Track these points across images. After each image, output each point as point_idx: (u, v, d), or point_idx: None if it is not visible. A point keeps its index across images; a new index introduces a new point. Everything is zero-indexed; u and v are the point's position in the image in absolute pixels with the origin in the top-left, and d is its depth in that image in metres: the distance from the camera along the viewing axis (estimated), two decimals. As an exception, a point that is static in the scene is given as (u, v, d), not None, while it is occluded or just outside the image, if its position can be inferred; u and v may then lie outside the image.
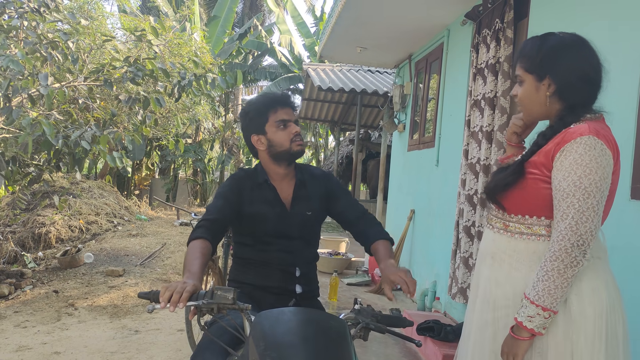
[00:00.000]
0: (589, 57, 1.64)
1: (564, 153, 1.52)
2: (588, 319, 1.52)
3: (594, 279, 1.56)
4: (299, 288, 2.14)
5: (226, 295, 1.54)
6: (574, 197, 1.48)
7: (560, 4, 3.26)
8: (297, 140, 2.14)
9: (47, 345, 4.55)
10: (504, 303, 1.64)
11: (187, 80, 5.90)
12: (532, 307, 1.49)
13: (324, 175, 2.31)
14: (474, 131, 4.05)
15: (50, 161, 5.76)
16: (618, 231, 2.46)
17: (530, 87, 1.67)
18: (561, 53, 1.63)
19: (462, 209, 4.10)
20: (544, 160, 1.58)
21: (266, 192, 2.15)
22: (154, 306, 1.46)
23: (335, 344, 1.50)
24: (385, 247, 2.08)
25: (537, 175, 1.59)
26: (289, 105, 2.18)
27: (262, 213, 2.10)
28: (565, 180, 1.50)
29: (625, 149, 2.45)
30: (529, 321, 1.49)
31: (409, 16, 5.13)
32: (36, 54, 5.34)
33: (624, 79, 2.53)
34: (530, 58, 1.66)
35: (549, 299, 1.47)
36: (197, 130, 17.81)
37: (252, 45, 17.39)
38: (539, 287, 1.48)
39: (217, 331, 1.78)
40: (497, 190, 1.68)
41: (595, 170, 1.48)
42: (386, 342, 3.99)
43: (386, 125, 7.10)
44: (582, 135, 1.51)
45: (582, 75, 1.62)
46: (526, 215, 1.63)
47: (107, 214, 9.91)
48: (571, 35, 1.67)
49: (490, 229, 1.77)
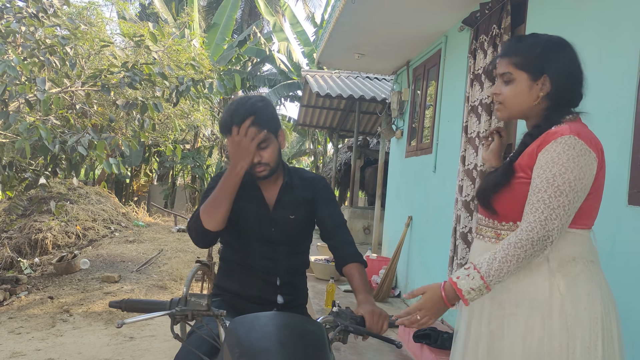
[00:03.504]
0: (576, 58, 1.63)
1: (544, 153, 1.52)
2: (584, 325, 1.50)
3: (588, 282, 1.53)
4: (280, 298, 2.06)
5: (200, 301, 1.51)
6: (545, 192, 1.47)
7: (558, 10, 3.26)
8: (257, 169, 1.95)
9: (41, 351, 4.51)
10: (500, 313, 1.60)
11: (185, 85, 5.89)
12: (478, 281, 1.49)
13: (313, 179, 2.21)
14: (471, 137, 4.03)
15: (47, 166, 5.73)
16: (616, 237, 2.44)
17: (523, 85, 1.63)
18: (557, 52, 1.62)
19: (459, 215, 4.08)
20: (528, 161, 1.57)
21: (252, 191, 2.08)
22: (124, 321, 1.42)
23: (312, 347, 1.46)
24: (361, 274, 2.00)
25: (523, 179, 1.58)
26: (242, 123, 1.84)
27: (246, 211, 2.03)
28: (539, 177, 1.50)
29: (623, 154, 2.43)
30: (468, 293, 1.50)
31: (407, 23, 5.13)
32: (34, 59, 5.34)
33: (620, 85, 2.53)
34: (525, 55, 1.62)
35: (495, 280, 1.49)
36: (196, 137, 17.82)
37: (251, 52, 17.43)
38: (494, 266, 1.48)
39: (196, 341, 1.73)
40: (488, 192, 1.65)
41: (571, 170, 1.47)
42: (382, 349, 3.96)
43: (384, 132, 7.09)
44: (562, 135, 1.50)
45: (571, 76, 1.62)
46: (517, 221, 1.60)
47: (104, 220, 9.88)
48: (553, 36, 1.67)
49: (480, 239, 1.74)
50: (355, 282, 1.98)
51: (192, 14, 15.62)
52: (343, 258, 2.07)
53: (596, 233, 1.58)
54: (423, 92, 6.00)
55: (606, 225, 2.47)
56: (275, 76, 18.07)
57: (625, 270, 2.36)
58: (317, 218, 2.16)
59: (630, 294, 2.29)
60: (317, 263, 6.51)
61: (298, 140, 24.67)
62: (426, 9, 4.69)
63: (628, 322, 2.27)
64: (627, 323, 2.28)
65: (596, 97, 2.68)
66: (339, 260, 2.09)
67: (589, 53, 2.83)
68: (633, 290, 2.29)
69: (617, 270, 2.40)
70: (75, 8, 8.67)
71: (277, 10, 21.50)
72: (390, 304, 5.60)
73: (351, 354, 3.87)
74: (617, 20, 2.64)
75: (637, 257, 2.30)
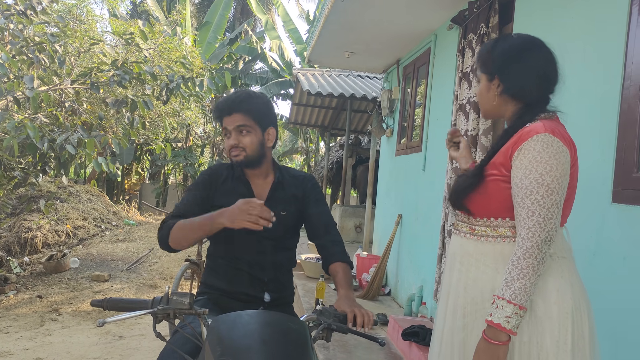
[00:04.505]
0: (542, 57, 1.65)
1: (522, 151, 1.53)
2: (553, 320, 1.51)
3: (558, 279, 1.55)
4: (267, 296, 2.07)
5: (182, 300, 1.50)
6: (537, 194, 1.48)
7: (544, 9, 3.27)
8: (232, 152, 2.05)
9: (30, 351, 4.49)
10: (473, 308, 1.62)
11: (175, 83, 5.88)
12: (509, 307, 1.45)
13: (304, 177, 2.24)
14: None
15: (35, 165, 5.70)
16: (599, 235, 2.45)
17: (483, 86, 1.73)
18: (510, 54, 1.66)
19: (447, 213, 4.10)
20: (503, 160, 1.59)
21: (240, 187, 2.09)
22: (105, 320, 1.42)
23: (294, 345, 1.46)
24: (346, 273, 2.02)
25: (497, 176, 1.59)
26: (234, 111, 2.03)
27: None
28: (527, 178, 1.50)
29: (607, 152, 2.45)
30: (507, 322, 1.45)
31: (397, 21, 5.14)
32: (22, 57, 5.30)
33: (605, 83, 2.54)
34: (482, 59, 1.73)
35: (525, 297, 1.45)
36: (188, 135, 17.76)
37: (243, 50, 17.38)
38: (515, 286, 1.45)
39: (180, 340, 1.74)
40: (459, 194, 1.68)
41: (556, 167, 1.49)
42: (371, 347, 3.97)
43: (375, 130, 7.10)
44: (538, 134, 1.52)
45: (532, 75, 1.64)
46: (491, 217, 1.63)
47: (95, 218, 9.84)
48: (524, 37, 1.69)
49: (457, 234, 1.76)
50: (339, 278, 2.00)
51: (183, 12, 15.56)
52: (330, 256, 2.10)
53: (580, 231, 1.60)
54: (413, 90, 6.01)
55: (590, 223, 2.48)
56: (267, 74, 18.02)
57: (608, 268, 2.37)
58: (306, 216, 2.18)
59: (613, 291, 2.31)
60: (308, 261, 6.51)
61: (290, 138, 24.65)
62: (415, 7, 4.70)
63: (610, 319, 2.29)
64: (609, 320, 2.30)
65: (581, 95, 2.70)
66: (326, 259, 2.12)
67: (574, 51, 2.85)
68: (616, 287, 2.31)
69: (600, 268, 2.42)
70: (65, 5, 8.62)
71: (269, 8, 21.47)
72: (380, 302, 5.61)
73: (340, 352, 3.88)
74: (602, 19, 2.65)
75: (620, 254, 2.32)
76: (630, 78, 2.35)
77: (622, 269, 2.29)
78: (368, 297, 5.66)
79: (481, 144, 3.68)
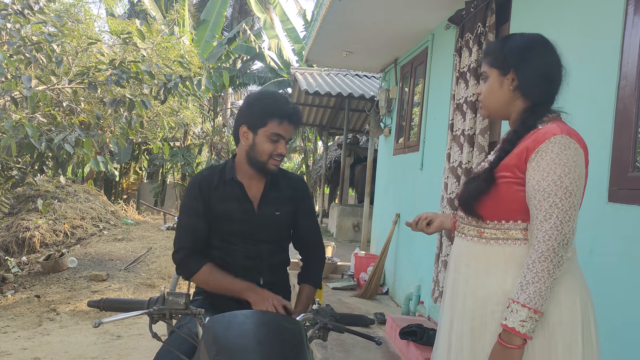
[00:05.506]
0: (551, 56, 1.64)
1: (540, 153, 1.50)
2: (565, 325, 1.50)
3: (568, 280, 1.53)
4: None
5: (178, 300, 1.51)
6: (555, 196, 1.45)
7: (541, 8, 3.28)
8: (275, 160, 2.06)
9: (28, 350, 4.49)
10: (483, 311, 1.60)
11: (172, 82, 5.87)
12: (524, 311, 1.43)
13: (297, 179, 2.26)
14: (456, 135, 4.06)
15: (33, 164, 5.70)
16: (596, 234, 2.46)
17: (494, 81, 1.68)
18: (525, 49, 1.64)
19: (445, 212, 4.10)
20: (517, 162, 1.56)
21: (233, 189, 2.09)
22: (101, 320, 1.43)
23: (289, 345, 1.47)
24: (309, 297, 2.13)
25: (510, 178, 1.57)
26: (293, 122, 2.07)
27: (229, 211, 2.05)
28: (545, 180, 1.47)
29: (603, 152, 2.46)
30: (522, 326, 1.43)
31: (394, 20, 5.14)
32: (20, 56, 5.29)
33: (601, 82, 2.55)
34: (494, 53, 1.68)
35: (540, 301, 1.43)
36: (186, 135, 17.75)
37: (241, 49, 17.35)
38: (530, 290, 1.43)
39: (176, 340, 1.74)
40: (471, 199, 1.65)
41: (574, 169, 1.47)
42: (369, 347, 3.98)
43: (372, 130, 7.11)
44: (555, 135, 1.50)
45: (544, 73, 1.62)
46: (502, 220, 1.60)
47: (93, 218, 9.83)
48: (540, 35, 1.68)
49: (462, 238, 1.73)
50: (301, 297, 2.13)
51: (181, 11, 15.51)
52: (305, 274, 2.22)
53: (576, 230, 1.59)
54: (410, 89, 6.02)
55: (586, 223, 2.49)
56: (265, 73, 18.00)
57: (605, 267, 2.38)
58: (295, 225, 2.23)
59: (609, 290, 2.32)
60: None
61: (288, 137, 24.60)
62: (413, 7, 4.71)
63: (607, 317, 2.30)
64: (606, 319, 2.30)
65: (577, 95, 2.70)
66: (301, 275, 2.22)
67: (570, 51, 2.85)
68: (612, 287, 2.32)
69: (597, 267, 2.42)
70: (62, 5, 8.61)
71: (267, 7, 21.42)
72: (378, 301, 5.62)
73: (338, 351, 3.88)
74: (598, 19, 2.66)
75: (616, 253, 2.33)
76: (626, 77, 2.36)
77: (618, 268, 2.30)
78: (366, 296, 5.67)
79: (478, 144, 3.68)
